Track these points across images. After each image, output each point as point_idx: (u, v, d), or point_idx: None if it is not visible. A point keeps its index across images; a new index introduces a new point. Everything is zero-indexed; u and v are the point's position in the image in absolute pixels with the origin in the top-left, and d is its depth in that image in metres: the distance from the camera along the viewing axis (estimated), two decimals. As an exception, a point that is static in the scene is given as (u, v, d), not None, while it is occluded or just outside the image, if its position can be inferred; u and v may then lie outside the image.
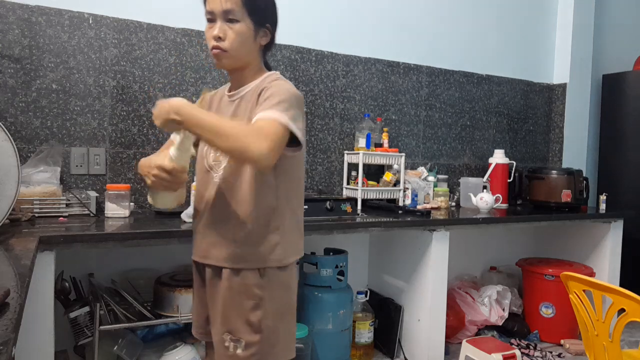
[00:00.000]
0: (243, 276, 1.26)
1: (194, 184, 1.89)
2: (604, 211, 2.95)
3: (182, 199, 1.34)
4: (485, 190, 2.80)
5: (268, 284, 1.27)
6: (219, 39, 1.25)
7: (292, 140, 1.23)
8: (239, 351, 1.24)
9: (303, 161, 1.38)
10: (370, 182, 2.64)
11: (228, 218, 1.28)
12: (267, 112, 1.17)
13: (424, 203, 2.72)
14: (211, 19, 1.27)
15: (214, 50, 1.27)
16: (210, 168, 1.34)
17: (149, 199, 1.31)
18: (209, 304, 1.34)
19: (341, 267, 2.33)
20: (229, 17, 1.24)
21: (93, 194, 2.03)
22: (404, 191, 2.63)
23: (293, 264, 1.35)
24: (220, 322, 1.28)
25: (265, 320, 1.25)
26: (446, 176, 2.96)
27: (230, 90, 1.38)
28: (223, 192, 1.29)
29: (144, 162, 1.26)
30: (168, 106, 1.13)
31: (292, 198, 1.34)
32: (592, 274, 2.82)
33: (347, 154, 2.69)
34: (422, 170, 2.84)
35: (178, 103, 1.13)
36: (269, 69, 1.39)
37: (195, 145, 1.40)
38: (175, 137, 1.19)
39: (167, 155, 1.19)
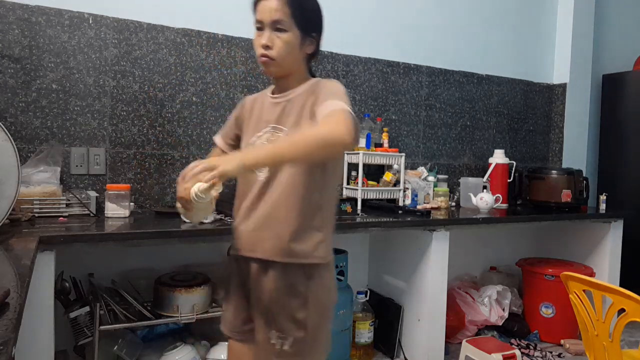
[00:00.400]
0: (288, 274, 1.29)
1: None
2: (604, 211, 2.95)
3: (205, 217, 1.35)
4: (485, 190, 2.80)
5: (313, 282, 1.31)
6: (267, 47, 1.29)
7: None
8: (285, 347, 1.29)
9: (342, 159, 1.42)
10: (370, 182, 2.64)
11: (276, 214, 1.30)
12: (330, 102, 1.22)
13: (424, 203, 2.72)
14: (260, 27, 1.31)
15: (262, 59, 1.31)
16: None
17: (181, 211, 1.31)
18: (254, 301, 1.36)
19: (341, 267, 2.33)
20: (277, 27, 1.28)
21: (93, 194, 2.03)
22: (404, 191, 2.63)
23: (332, 263, 1.39)
24: (266, 320, 1.32)
25: (310, 318, 1.30)
26: (446, 176, 2.96)
27: (274, 94, 1.41)
28: (270, 189, 1.31)
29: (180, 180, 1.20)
30: (235, 164, 1.12)
31: (333, 196, 1.38)
32: (592, 274, 2.82)
33: (347, 154, 2.69)
34: (422, 170, 2.84)
35: (237, 160, 1.13)
36: (313, 76, 1.43)
37: (236, 146, 1.47)
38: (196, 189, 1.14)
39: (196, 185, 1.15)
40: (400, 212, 2.45)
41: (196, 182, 1.11)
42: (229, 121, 1.52)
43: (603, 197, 3.01)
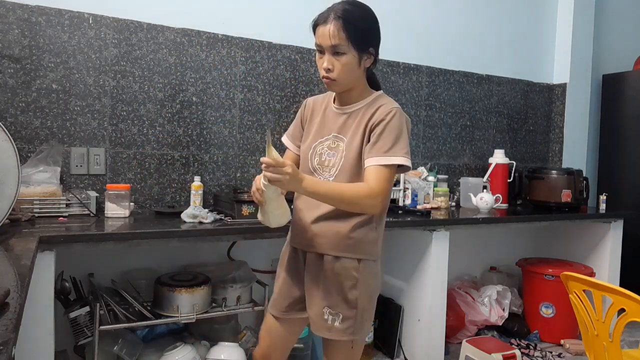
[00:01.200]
0: (343, 261, 1.43)
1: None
2: (604, 211, 2.95)
3: (280, 222, 1.46)
4: (485, 190, 2.80)
5: (364, 270, 1.44)
6: (328, 70, 1.39)
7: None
8: (336, 324, 1.42)
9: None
10: (370, 182, 2.63)
11: (335, 215, 1.42)
12: (378, 158, 1.36)
13: (424, 203, 2.72)
14: (320, 50, 1.41)
15: (325, 80, 1.42)
16: (314, 170, 1.48)
17: (259, 217, 1.47)
18: (308, 283, 1.48)
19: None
20: (335, 51, 1.37)
21: (93, 194, 2.03)
22: (404, 191, 2.63)
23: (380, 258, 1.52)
24: (321, 298, 1.44)
25: (360, 299, 1.42)
26: (446, 176, 2.96)
27: (337, 103, 1.52)
28: None
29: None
30: (298, 183, 1.29)
31: (387, 201, 1.46)
32: (592, 274, 2.82)
33: (347, 154, 2.69)
34: (422, 170, 2.84)
35: (302, 181, 1.30)
36: (375, 80, 1.54)
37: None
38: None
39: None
40: (400, 212, 2.45)
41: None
42: (294, 122, 1.64)
43: (603, 197, 3.01)
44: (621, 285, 2.09)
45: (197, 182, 2.17)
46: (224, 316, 2.14)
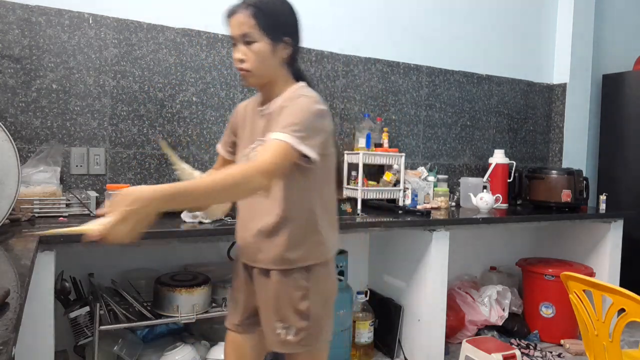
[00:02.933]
0: (291, 273, 1.35)
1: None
2: (604, 211, 2.95)
3: (223, 210, 1.42)
4: (485, 190, 2.80)
5: (314, 277, 1.37)
6: (241, 61, 1.33)
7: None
8: (289, 337, 1.35)
9: (334, 161, 1.43)
10: (370, 182, 2.64)
11: (270, 224, 1.35)
12: (275, 134, 1.24)
13: (424, 203, 2.72)
14: (234, 43, 1.35)
15: (240, 72, 1.35)
16: None
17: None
18: (258, 296, 1.42)
19: (341, 267, 2.33)
20: (246, 40, 1.31)
21: (93, 194, 2.03)
22: (404, 191, 2.63)
23: (332, 258, 1.45)
24: (271, 312, 1.37)
25: (312, 308, 1.36)
26: (446, 176, 2.96)
27: (261, 104, 1.44)
28: (262, 200, 1.36)
29: None
30: (145, 201, 1.01)
31: (326, 197, 1.41)
32: (592, 274, 2.82)
33: (347, 154, 2.69)
34: (422, 170, 2.84)
35: (151, 194, 1.02)
36: (301, 76, 1.44)
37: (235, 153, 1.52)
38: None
39: None
40: (400, 212, 2.45)
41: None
42: (226, 129, 1.57)
43: (603, 197, 3.01)
44: (621, 285, 2.08)
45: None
46: (224, 316, 2.14)
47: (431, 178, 2.82)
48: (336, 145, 1.44)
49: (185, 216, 1.93)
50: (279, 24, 1.34)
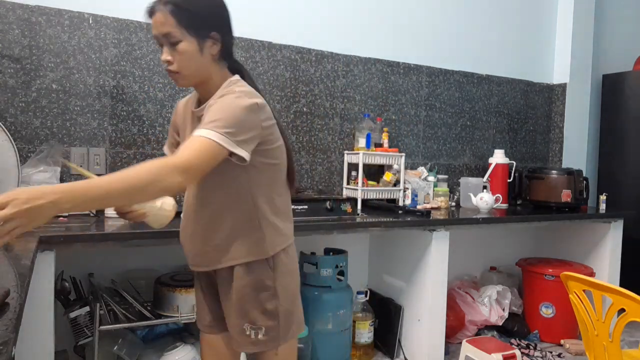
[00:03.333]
0: (251, 270, 1.32)
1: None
2: (604, 211, 2.95)
3: (170, 212, 1.37)
4: (485, 190, 2.80)
5: (277, 274, 1.34)
6: (167, 62, 1.26)
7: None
8: (260, 337, 1.33)
9: (283, 152, 1.37)
10: (370, 182, 2.64)
11: (208, 224, 1.33)
12: (199, 131, 1.16)
13: (424, 203, 2.72)
14: (159, 43, 1.28)
15: (170, 75, 1.29)
16: None
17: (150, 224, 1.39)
18: (222, 300, 1.40)
19: (341, 267, 2.33)
20: (170, 40, 1.24)
21: (93, 194, 2.03)
22: (404, 191, 2.63)
23: (289, 249, 1.39)
24: (237, 315, 1.35)
25: (280, 306, 1.34)
26: (446, 176, 2.96)
27: (198, 104, 1.37)
28: (198, 205, 1.34)
29: None
30: (25, 197, 0.88)
31: (271, 191, 1.35)
32: (592, 274, 2.82)
33: (347, 154, 2.69)
34: (422, 170, 2.84)
35: (41, 194, 0.90)
36: (238, 69, 1.37)
37: None
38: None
39: None
40: (400, 212, 2.45)
41: None
42: (169, 129, 1.53)
43: (603, 197, 3.01)
44: (621, 285, 2.08)
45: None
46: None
47: (431, 178, 2.82)
48: (285, 136, 1.38)
49: (185, 216, 1.93)
50: (202, 20, 1.25)
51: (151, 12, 1.25)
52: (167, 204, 1.36)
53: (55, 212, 0.93)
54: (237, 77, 1.34)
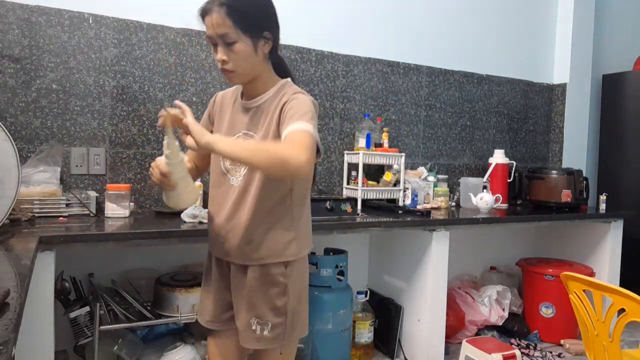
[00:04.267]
0: (265, 269, 1.35)
1: (198, 183, 1.89)
2: (604, 211, 2.95)
3: (192, 199, 1.38)
4: (485, 190, 2.80)
5: (292, 273, 1.38)
6: (223, 62, 1.30)
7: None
8: (265, 333, 1.35)
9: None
10: (370, 182, 2.64)
11: (246, 219, 1.34)
12: (296, 124, 1.23)
13: (424, 203, 2.72)
14: (212, 43, 1.32)
15: (223, 73, 1.33)
16: (227, 171, 1.39)
17: (167, 201, 1.37)
18: (233, 293, 1.41)
19: (341, 267, 2.33)
20: (226, 41, 1.28)
21: (93, 194, 2.03)
22: (404, 191, 2.63)
23: (305, 254, 1.45)
24: (246, 309, 1.37)
25: (289, 304, 1.37)
26: (446, 176, 2.96)
27: (244, 97, 1.42)
28: (241, 194, 1.36)
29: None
30: (205, 142, 1.18)
31: (304, 197, 1.42)
32: (592, 274, 2.82)
33: (347, 154, 2.69)
34: (422, 170, 2.84)
35: (211, 140, 1.19)
36: (283, 67, 1.43)
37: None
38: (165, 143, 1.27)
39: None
40: (400, 212, 2.45)
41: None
42: (204, 116, 1.55)
43: (603, 197, 3.01)
44: (621, 285, 2.08)
45: (197, 182, 2.17)
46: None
47: (431, 178, 2.82)
48: None
49: (185, 216, 1.93)
50: (257, 21, 1.30)
51: (205, 12, 1.29)
52: (195, 191, 1.38)
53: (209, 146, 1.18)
54: (287, 79, 1.40)
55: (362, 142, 2.61)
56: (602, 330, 1.54)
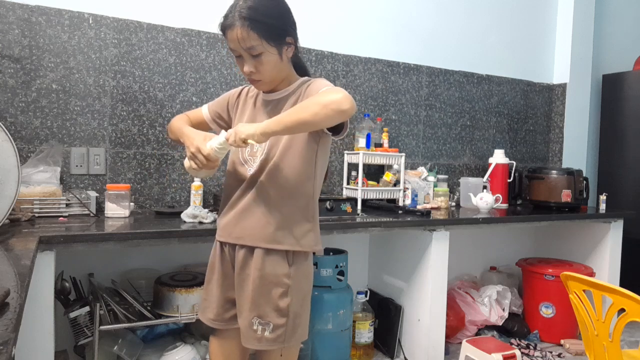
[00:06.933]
0: (273, 262, 1.36)
1: (198, 183, 1.91)
2: (604, 211, 2.95)
3: (213, 172, 1.43)
4: (485, 190, 2.80)
5: (295, 273, 1.38)
6: (251, 73, 1.34)
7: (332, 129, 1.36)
8: (266, 333, 1.35)
9: (327, 152, 1.48)
10: (370, 182, 2.64)
11: (267, 202, 1.36)
12: (324, 88, 1.30)
13: (424, 203, 2.72)
14: (236, 55, 1.34)
15: (252, 82, 1.39)
16: (245, 162, 1.42)
17: (185, 164, 1.40)
18: (237, 290, 1.42)
19: (341, 267, 2.33)
20: (252, 53, 1.30)
21: (93, 194, 2.03)
22: (404, 191, 2.63)
23: (311, 255, 1.46)
24: (249, 308, 1.37)
25: (291, 306, 1.37)
26: (446, 176, 2.96)
27: (264, 94, 1.46)
28: (260, 179, 1.37)
29: (190, 133, 1.39)
30: (258, 133, 1.24)
31: (319, 191, 1.45)
32: (592, 274, 2.82)
33: (347, 154, 2.69)
34: (422, 170, 2.84)
35: (260, 129, 1.24)
36: (302, 67, 1.50)
37: (218, 124, 1.58)
38: (221, 136, 1.30)
39: (209, 143, 1.32)
40: (400, 212, 2.45)
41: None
42: (221, 98, 1.57)
43: (603, 197, 3.01)
44: (621, 285, 2.09)
45: (197, 182, 2.17)
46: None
47: (431, 178, 2.82)
48: None
49: (185, 216, 1.93)
50: (279, 29, 1.32)
51: (227, 27, 1.30)
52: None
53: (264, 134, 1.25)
54: (306, 78, 1.45)
55: (362, 142, 2.61)
56: (602, 330, 1.54)
